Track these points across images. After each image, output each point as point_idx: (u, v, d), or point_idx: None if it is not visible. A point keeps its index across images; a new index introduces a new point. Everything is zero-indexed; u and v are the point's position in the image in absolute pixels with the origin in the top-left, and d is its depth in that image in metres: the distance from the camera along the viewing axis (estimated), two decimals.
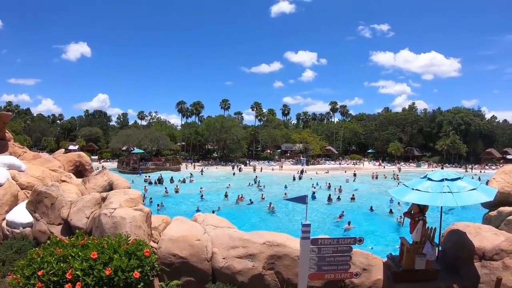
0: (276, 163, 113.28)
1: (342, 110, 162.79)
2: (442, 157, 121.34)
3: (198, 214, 14.35)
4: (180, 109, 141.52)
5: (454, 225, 13.41)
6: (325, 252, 9.47)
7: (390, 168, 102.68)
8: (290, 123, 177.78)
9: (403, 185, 11.59)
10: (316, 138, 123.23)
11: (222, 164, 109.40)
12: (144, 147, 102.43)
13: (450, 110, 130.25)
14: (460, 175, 11.22)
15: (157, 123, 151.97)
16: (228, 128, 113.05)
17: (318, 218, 38.98)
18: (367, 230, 34.56)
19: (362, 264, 11.34)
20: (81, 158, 26.60)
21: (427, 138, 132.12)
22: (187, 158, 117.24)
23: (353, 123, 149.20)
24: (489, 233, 12.84)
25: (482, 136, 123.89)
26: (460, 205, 10.31)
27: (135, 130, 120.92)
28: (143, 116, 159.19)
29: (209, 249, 11.41)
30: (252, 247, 11.33)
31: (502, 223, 23.67)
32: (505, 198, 24.35)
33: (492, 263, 11.42)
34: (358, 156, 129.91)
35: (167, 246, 11.34)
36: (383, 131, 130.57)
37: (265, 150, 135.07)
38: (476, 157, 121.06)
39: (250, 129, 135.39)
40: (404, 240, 11.51)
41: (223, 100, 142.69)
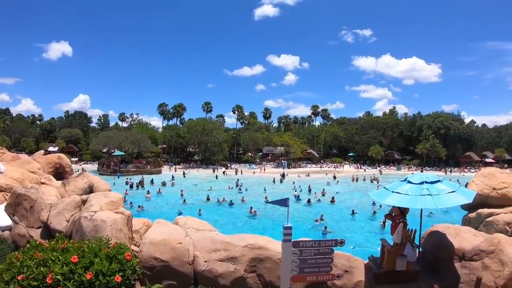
0: (257, 166, 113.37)
1: (324, 114, 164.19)
2: (422, 160, 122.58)
3: (180, 217, 14.30)
4: (162, 111, 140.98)
5: (434, 227, 13.57)
6: (306, 255, 9.48)
7: (371, 171, 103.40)
8: (272, 126, 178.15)
9: (384, 188, 11.70)
10: (297, 141, 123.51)
11: (203, 167, 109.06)
12: (125, 149, 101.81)
13: (430, 115, 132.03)
14: (439, 178, 11.36)
15: (139, 125, 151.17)
16: (210, 131, 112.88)
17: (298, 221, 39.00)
18: (348, 232, 34.70)
19: (344, 266, 11.40)
20: (61, 160, 26.38)
21: (407, 141, 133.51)
22: (168, 161, 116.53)
23: (334, 127, 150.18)
24: (469, 234, 13.02)
25: (461, 140, 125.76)
26: (440, 207, 10.46)
27: (116, 132, 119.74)
28: (124, 117, 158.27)
29: (191, 252, 11.37)
30: (234, 250, 11.33)
31: (481, 225, 24.01)
32: (483, 200, 24.72)
33: (472, 263, 11.57)
34: (339, 159, 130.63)
35: (149, 250, 11.28)
36: (364, 134, 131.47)
37: (246, 153, 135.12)
38: (455, 161, 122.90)
39: (231, 132, 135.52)
40: (385, 242, 11.61)
41: (206, 102, 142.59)
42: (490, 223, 23.59)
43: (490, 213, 24.00)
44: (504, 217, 23.23)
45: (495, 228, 22.82)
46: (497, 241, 11.72)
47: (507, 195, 24.14)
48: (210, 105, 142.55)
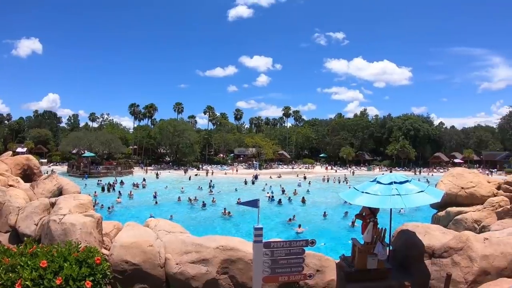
0: (229, 167, 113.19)
1: (295, 115, 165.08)
2: (392, 161, 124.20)
3: (150, 219, 14.16)
4: (133, 112, 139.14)
5: (404, 225, 13.76)
6: (278, 255, 9.50)
7: (342, 172, 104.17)
8: (243, 127, 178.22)
9: (353, 189, 11.82)
10: (269, 142, 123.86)
11: (174, 169, 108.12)
12: (95, 150, 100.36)
13: (400, 117, 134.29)
14: (408, 178, 11.53)
15: (109, 126, 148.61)
16: (181, 131, 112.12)
17: (271, 222, 39.11)
18: (319, 231, 34.91)
19: (316, 265, 11.45)
20: (29, 162, 25.85)
21: (378, 143, 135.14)
22: (139, 162, 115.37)
23: (306, 128, 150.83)
24: (438, 232, 13.24)
25: (430, 141, 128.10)
26: (408, 207, 10.65)
27: (86, 132, 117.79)
28: (94, 117, 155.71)
29: (162, 255, 11.26)
30: (205, 252, 11.26)
31: (450, 223, 24.52)
32: (452, 199, 25.27)
33: (442, 260, 11.78)
34: (310, 160, 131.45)
35: (119, 253, 11.13)
36: (335, 136, 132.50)
37: (218, 154, 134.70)
38: (424, 161, 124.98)
39: (203, 133, 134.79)
40: (356, 241, 11.72)
41: (177, 103, 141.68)
42: (459, 221, 24.14)
43: (458, 211, 24.61)
44: (472, 215, 23.80)
45: (464, 225, 23.29)
46: (465, 238, 11.94)
47: (475, 194, 24.74)
48: (181, 105, 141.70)
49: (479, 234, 13.66)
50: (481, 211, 23.92)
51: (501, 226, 19.48)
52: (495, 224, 21.28)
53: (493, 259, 11.45)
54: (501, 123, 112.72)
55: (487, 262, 11.38)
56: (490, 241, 12.09)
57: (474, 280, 11.18)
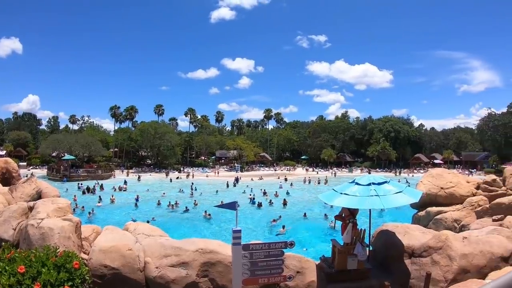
0: (211, 170, 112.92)
1: (277, 118, 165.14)
2: (373, 162, 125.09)
3: (130, 223, 14.09)
4: (114, 114, 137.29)
5: (384, 226, 13.87)
6: (257, 257, 9.49)
7: (323, 173, 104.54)
8: (225, 129, 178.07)
9: (333, 190, 11.87)
10: (250, 145, 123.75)
11: (156, 171, 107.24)
12: (75, 153, 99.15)
13: (380, 119, 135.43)
14: (386, 179, 11.62)
15: (90, 128, 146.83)
16: (162, 134, 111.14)
17: (252, 224, 39.11)
18: (301, 233, 34.96)
19: (296, 267, 11.48)
20: (7, 165, 25.53)
21: (359, 144, 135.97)
22: (120, 165, 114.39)
23: (287, 130, 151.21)
24: (417, 232, 13.36)
25: (410, 142, 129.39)
26: (386, 207, 10.72)
27: (66, 135, 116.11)
28: (74, 120, 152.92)
29: (142, 259, 11.20)
30: (185, 255, 11.22)
31: (430, 222, 24.86)
32: (432, 199, 25.62)
33: (421, 259, 11.90)
34: (291, 162, 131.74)
35: (98, 257, 11.04)
36: (316, 138, 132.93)
37: (199, 156, 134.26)
38: (405, 162, 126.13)
39: (184, 136, 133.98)
40: (335, 242, 11.77)
41: (157, 105, 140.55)
42: (439, 220, 24.48)
43: (438, 211, 24.96)
44: (452, 215, 24.15)
45: (444, 225, 23.61)
46: (444, 237, 12.06)
47: (454, 194, 25.10)
48: (162, 108, 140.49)
49: (458, 233, 13.82)
50: (460, 211, 24.25)
51: (480, 225, 19.70)
52: (474, 223, 21.52)
53: (473, 258, 11.57)
54: (480, 124, 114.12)
55: (466, 260, 11.49)
56: (469, 240, 12.22)
57: (454, 279, 11.28)
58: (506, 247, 12.16)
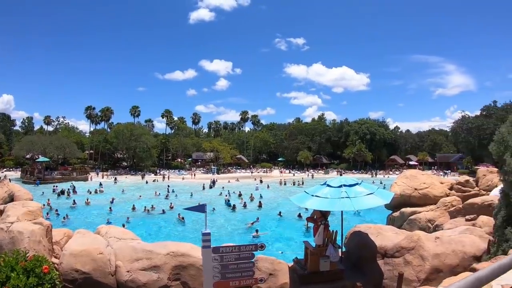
0: (187, 172, 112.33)
1: (253, 120, 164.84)
2: (349, 164, 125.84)
3: (102, 226, 13.91)
4: (89, 115, 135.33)
5: (356, 227, 13.92)
6: (227, 260, 9.44)
7: (300, 175, 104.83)
8: (202, 131, 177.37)
9: (304, 192, 11.87)
10: (226, 147, 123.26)
11: (131, 174, 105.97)
12: (50, 155, 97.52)
13: (356, 121, 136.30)
14: (358, 181, 11.67)
15: (65, 129, 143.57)
16: (138, 136, 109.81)
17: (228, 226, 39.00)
18: (276, 235, 34.94)
19: (268, 269, 11.44)
20: None
21: (335, 146, 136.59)
22: (95, 167, 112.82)
23: (264, 133, 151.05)
24: (390, 233, 13.43)
25: (386, 144, 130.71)
26: (357, 209, 10.76)
27: (40, 136, 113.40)
28: (49, 121, 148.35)
29: (113, 263, 11.05)
30: (156, 258, 11.10)
31: (404, 223, 25.16)
32: (406, 200, 25.92)
33: (394, 259, 11.96)
34: (268, 164, 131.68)
35: (69, 261, 10.87)
36: (292, 140, 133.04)
37: (176, 159, 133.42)
38: (381, 164, 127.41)
39: (160, 137, 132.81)
40: (308, 243, 11.75)
41: (133, 106, 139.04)
42: (413, 221, 24.80)
43: (412, 211, 25.28)
44: (426, 215, 24.48)
45: (418, 225, 23.91)
46: (417, 238, 12.14)
47: (428, 195, 25.44)
48: (138, 109, 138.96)
49: (431, 234, 13.93)
50: (434, 211, 24.59)
51: (453, 225, 19.94)
52: (447, 223, 21.81)
53: (445, 257, 11.67)
54: (454, 127, 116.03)
55: (439, 260, 11.58)
56: (441, 240, 12.32)
57: (427, 278, 11.37)
58: (478, 247, 12.29)
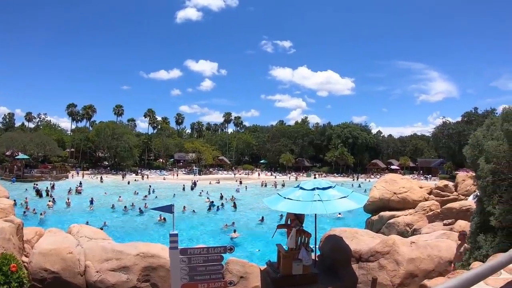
0: (169, 173, 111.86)
1: (236, 121, 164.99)
2: (331, 167, 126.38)
3: (73, 226, 13.66)
4: (71, 112, 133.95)
5: (331, 231, 13.82)
6: (195, 262, 9.26)
7: (281, 178, 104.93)
8: (185, 132, 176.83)
9: (277, 194, 11.75)
10: (209, 148, 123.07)
11: (112, 173, 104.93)
12: (30, 152, 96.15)
13: (339, 125, 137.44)
14: (332, 184, 11.55)
15: (46, 127, 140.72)
16: (120, 135, 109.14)
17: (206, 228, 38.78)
18: (255, 236, 34.73)
19: (239, 272, 11.30)
20: None
21: (318, 150, 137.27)
22: (75, 166, 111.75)
23: (247, 134, 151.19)
24: (366, 237, 13.37)
25: (368, 148, 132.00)
26: (329, 212, 10.62)
27: (20, 133, 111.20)
28: (31, 117, 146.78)
29: (82, 262, 10.85)
30: (126, 259, 10.92)
31: (383, 226, 25.23)
32: (385, 204, 25.99)
33: (369, 264, 11.87)
34: (250, 166, 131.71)
35: (38, 260, 10.65)
36: (275, 142, 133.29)
37: (158, 159, 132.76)
38: (363, 168, 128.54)
39: (143, 137, 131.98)
40: (280, 247, 11.64)
41: (117, 105, 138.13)
42: (391, 224, 24.87)
43: (391, 215, 25.37)
44: (404, 219, 24.57)
45: (396, 229, 23.98)
46: (392, 242, 12.06)
47: (407, 199, 25.54)
48: (121, 108, 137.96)
49: (406, 238, 13.87)
50: (412, 215, 24.68)
51: (431, 229, 20.04)
52: (425, 227, 21.95)
53: (420, 262, 11.60)
54: (435, 132, 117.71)
55: (414, 265, 11.51)
56: (417, 245, 12.26)
57: (401, 283, 11.30)
58: (454, 251, 12.24)
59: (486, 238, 10.28)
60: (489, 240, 10.14)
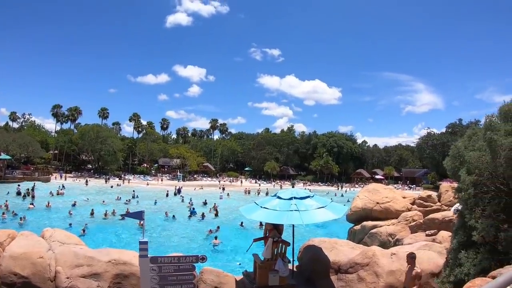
0: (152, 178, 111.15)
1: (222, 128, 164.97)
2: (316, 176, 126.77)
3: (47, 229, 13.28)
4: (56, 114, 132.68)
5: (310, 241, 13.61)
6: (166, 271, 9.00)
7: (265, 185, 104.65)
8: (170, 137, 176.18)
9: (254, 203, 11.53)
10: (193, 154, 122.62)
11: (95, 177, 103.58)
12: (12, 152, 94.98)
13: (325, 134, 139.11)
14: (310, 194, 11.36)
15: (30, 127, 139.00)
16: (104, 138, 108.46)
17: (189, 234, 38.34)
18: (235, 245, 34.31)
19: (214, 282, 11.04)
20: None
21: (303, 158, 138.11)
22: (59, 168, 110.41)
23: (232, 141, 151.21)
24: (346, 247, 13.15)
25: (353, 158, 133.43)
26: (306, 223, 10.35)
27: (3, 133, 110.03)
28: (15, 117, 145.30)
29: (53, 268, 10.51)
30: (97, 266, 10.61)
31: (366, 236, 25.05)
32: (368, 214, 25.89)
33: (348, 275, 11.65)
34: (235, 173, 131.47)
35: (8, 264, 10.31)
36: (260, 150, 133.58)
37: (142, 164, 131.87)
38: (347, 177, 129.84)
39: (127, 141, 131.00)
40: (257, 257, 11.43)
41: (102, 108, 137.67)
42: (374, 234, 24.72)
43: (374, 225, 25.23)
44: (387, 229, 24.43)
45: (379, 239, 23.83)
46: (371, 253, 11.85)
47: (389, 209, 25.43)
48: (106, 111, 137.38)
49: (387, 250, 13.64)
50: (395, 225, 24.56)
51: (413, 240, 19.90)
52: (408, 237, 21.79)
53: (400, 274, 11.38)
54: (419, 142, 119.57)
55: (393, 277, 11.30)
56: (397, 256, 12.04)
57: None
58: (436, 263, 12.08)
59: (468, 254, 9.87)
60: (471, 257, 9.74)
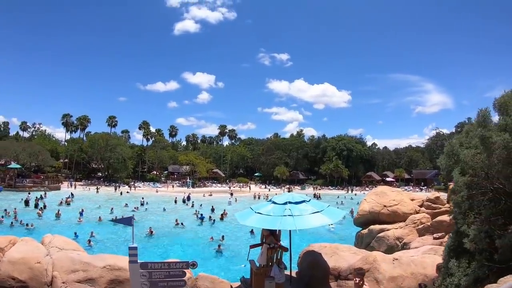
0: (162, 185, 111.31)
1: (231, 134, 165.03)
2: (326, 180, 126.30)
3: (47, 236, 13.37)
4: (65, 123, 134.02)
5: (310, 246, 13.44)
6: (157, 277, 8.86)
7: (275, 190, 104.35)
8: (180, 144, 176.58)
9: (249, 208, 11.42)
10: (203, 160, 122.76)
11: (105, 185, 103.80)
12: (23, 161, 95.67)
13: (334, 138, 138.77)
14: (306, 199, 11.19)
15: (40, 137, 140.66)
16: (113, 146, 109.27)
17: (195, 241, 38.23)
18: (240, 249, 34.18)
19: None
20: None
21: (312, 162, 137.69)
22: (69, 177, 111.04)
23: (241, 147, 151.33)
24: (347, 253, 12.95)
25: (363, 161, 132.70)
26: (299, 228, 10.15)
27: (13, 142, 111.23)
28: (26, 127, 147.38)
29: (49, 273, 10.59)
30: (92, 271, 10.64)
31: (373, 240, 24.73)
32: (375, 217, 25.53)
33: (347, 282, 11.47)
34: (244, 179, 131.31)
35: (7, 269, 10.42)
36: (270, 155, 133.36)
37: (151, 171, 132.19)
38: (357, 180, 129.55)
39: (137, 149, 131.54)
40: (253, 263, 11.32)
41: (110, 116, 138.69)
42: (381, 238, 24.36)
43: (381, 229, 24.85)
44: (394, 232, 24.04)
45: (386, 243, 23.52)
46: (372, 259, 11.64)
47: (397, 212, 25.06)
48: (115, 119, 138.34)
49: (389, 255, 13.40)
50: (403, 228, 24.20)
51: (421, 243, 19.64)
52: (415, 241, 21.51)
53: (402, 281, 11.17)
54: (428, 143, 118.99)
55: (395, 284, 11.08)
56: (399, 262, 11.83)
57: None
58: None
59: (459, 263, 9.14)
60: (463, 266, 9.01)
